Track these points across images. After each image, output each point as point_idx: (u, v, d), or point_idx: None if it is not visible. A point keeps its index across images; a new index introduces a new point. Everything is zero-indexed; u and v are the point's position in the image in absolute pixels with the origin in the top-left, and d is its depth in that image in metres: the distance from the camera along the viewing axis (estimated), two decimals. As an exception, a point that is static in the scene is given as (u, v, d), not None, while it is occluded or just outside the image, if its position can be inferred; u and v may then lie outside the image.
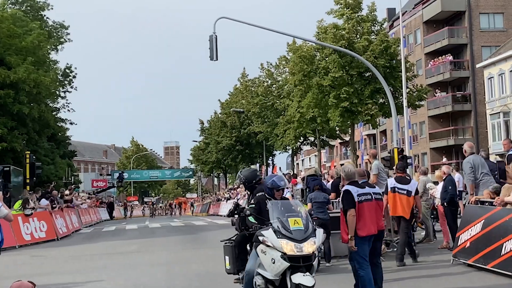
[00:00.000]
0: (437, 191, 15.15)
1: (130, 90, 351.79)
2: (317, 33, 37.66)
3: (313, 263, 7.27)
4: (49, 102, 43.78)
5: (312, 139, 51.60)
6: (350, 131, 40.60)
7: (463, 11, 51.04)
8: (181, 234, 24.80)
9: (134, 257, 16.33)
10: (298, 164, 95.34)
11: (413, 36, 55.89)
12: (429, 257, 12.73)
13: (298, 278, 7.00)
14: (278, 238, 7.16)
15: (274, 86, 54.33)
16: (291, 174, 27.91)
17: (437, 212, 15.58)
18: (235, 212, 9.18)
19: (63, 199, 29.01)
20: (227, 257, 9.31)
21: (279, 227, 7.26)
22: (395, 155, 25.20)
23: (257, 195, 8.84)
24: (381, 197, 9.05)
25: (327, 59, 36.88)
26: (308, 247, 7.13)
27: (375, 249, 8.78)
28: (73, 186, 37.81)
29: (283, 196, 8.57)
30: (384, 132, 62.92)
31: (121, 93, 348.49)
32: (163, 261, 14.81)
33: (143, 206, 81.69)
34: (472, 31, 50.55)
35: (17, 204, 22.13)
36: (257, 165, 63.15)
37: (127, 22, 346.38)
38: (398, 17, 40.17)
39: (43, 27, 40.50)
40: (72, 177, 55.76)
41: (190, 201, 73.19)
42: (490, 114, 45.81)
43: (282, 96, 48.72)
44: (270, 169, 58.94)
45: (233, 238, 9.37)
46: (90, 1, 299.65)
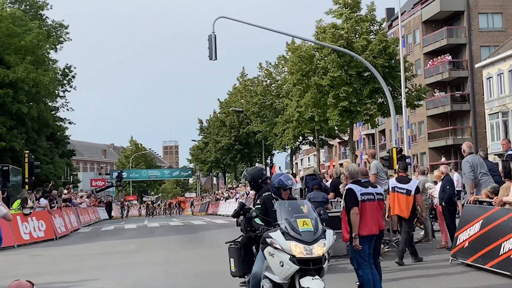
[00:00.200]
0: (436, 191, 15.16)
1: (129, 90, 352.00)
2: (316, 33, 37.68)
3: (323, 266, 7.00)
4: (48, 102, 43.76)
5: (311, 139, 51.59)
6: (349, 131, 40.60)
7: (462, 11, 51.08)
8: (180, 234, 24.79)
9: (133, 257, 16.34)
10: (297, 164, 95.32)
11: (412, 36, 55.90)
12: (428, 257, 12.74)
13: (307, 282, 6.75)
14: (287, 240, 6.91)
15: (273, 86, 54.29)
16: (290, 174, 27.92)
17: (436, 212, 15.59)
18: (241, 213, 8.89)
19: (61, 198, 29.00)
20: (232, 259, 8.95)
21: (287, 229, 7.03)
22: (394, 155, 25.24)
23: (263, 195, 8.54)
24: (383, 197, 9.06)
25: (326, 59, 36.88)
26: (318, 249, 6.90)
27: (375, 249, 8.81)
28: (72, 186, 37.73)
29: (291, 196, 8.25)
30: (383, 132, 62.94)
31: (120, 93, 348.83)
32: (162, 261, 14.82)
33: (140, 206, 79.65)
34: (471, 31, 50.58)
35: (16, 204, 22.13)
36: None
37: (126, 22, 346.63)
38: (397, 17, 40.20)
39: (42, 27, 40.49)
40: (71, 177, 55.67)
41: (190, 200, 72.99)
42: (489, 114, 45.84)
43: (281, 96, 48.69)
44: (269, 169, 59.11)
45: (238, 240, 9.02)
46: (90, 1, 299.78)
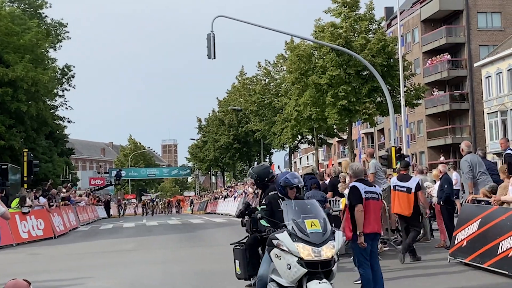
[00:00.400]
0: (434, 190, 15.17)
1: (129, 88, 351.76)
2: (315, 32, 37.68)
3: (333, 269, 6.69)
4: (47, 100, 43.72)
5: (310, 138, 51.58)
6: (348, 130, 40.59)
7: (461, 10, 51.11)
8: (179, 233, 24.78)
9: (131, 255, 16.34)
10: (296, 163, 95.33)
11: (411, 35, 55.91)
12: (426, 256, 12.74)
13: (314, 286, 6.48)
14: (294, 242, 6.62)
15: (272, 85, 54.26)
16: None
17: (434, 211, 15.60)
18: (246, 213, 8.58)
19: (60, 197, 29.00)
20: (237, 261, 8.61)
21: (295, 230, 6.73)
22: (393, 154, 25.28)
23: (269, 195, 8.19)
24: (381, 197, 9.07)
25: (325, 58, 36.86)
26: (327, 252, 6.60)
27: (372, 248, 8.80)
28: (70, 185, 37.70)
29: (298, 195, 7.92)
30: (382, 131, 62.95)
31: (120, 91, 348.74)
32: (160, 259, 14.81)
33: (136, 204, 76.96)
34: (470, 30, 50.61)
35: (15, 202, 22.14)
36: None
37: (125, 21, 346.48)
38: (396, 16, 40.18)
39: (42, 25, 40.43)
40: (70, 175, 55.66)
41: (190, 199, 72.84)
42: (488, 113, 45.86)
43: (280, 95, 48.68)
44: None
45: (244, 241, 8.68)
46: (90, 0, 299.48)
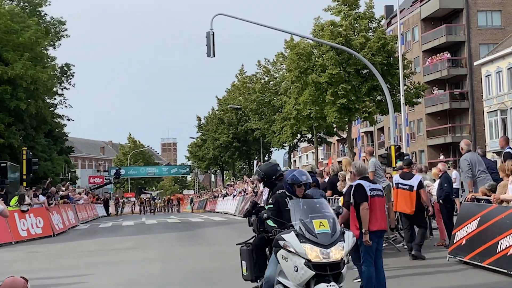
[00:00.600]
0: (434, 189, 15.15)
1: (128, 87, 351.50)
2: (314, 30, 37.65)
3: (342, 271, 6.43)
4: (47, 99, 43.70)
5: (310, 136, 51.56)
6: (347, 128, 40.57)
7: (461, 9, 51.08)
8: (178, 231, 24.78)
9: (130, 254, 16.32)
10: (295, 161, 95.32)
11: (411, 34, 55.88)
12: (425, 255, 12.71)
13: None
14: (301, 243, 6.38)
15: (272, 83, 54.28)
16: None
17: (434, 210, 15.57)
18: (253, 212, 8.26)
19: (59, 195, 28.98)
20: (244, 262, 8.23)
21: (302, 230, 6.49)
22: (393, 153, 25.30)
23: (276, 193, 7.84)
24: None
25: (324, 56, 36.86)
26: (336, 253, 6.36)
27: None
28: (68, 183, 37.67)
29: (306, 194, 7.61)
30: (382, 130, 62.93)
31: (119, 90, 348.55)
32: (159, 258, 14.79)
33: (133, 202, 74.03)
34: (470, 29, 50.59)
35: (13, 200, 22.11)
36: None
37: (124, 19, 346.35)
38: (396, 14, 40.16)
39: (41, 24, 40.41)
40: (69, 174, 55.71)
41: (190, 197, 72.61)
42: (488, 112, 45.85)
43: (280, 93, 48.68)
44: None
45: (250, 241, 8.33)
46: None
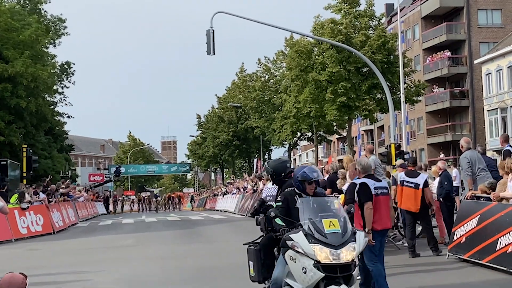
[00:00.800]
0: (434, 187, 15.15)
1: (128, 85, 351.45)
2: (314, 29, 37.63)
3: (353, 273, 6.20)
4: (47, 97, 43.70)
5: (309, 135, 51.56)
6: (347, 127, 40.56)
7: (462, 7, 51.06)
8: (177, 229, 24.76)
9: (130, 251, 16.33)
10: (295, 160, 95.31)
11: (411, 32, 55.87)
12: (425, 252, 12.71)
13: None
14: (310, 243, 6.14)
15: (272, 81, 54.29)
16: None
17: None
18: (260, 211, 7.95)
19: (59, 192, 28.99)
20: (251, 263, 7.91)
21: (311, 230, 6.24)
22: (393, 151, 25.29)
23: (285, 191, 7.55)
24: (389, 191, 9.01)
25: (325, 54, 36.86)
26: (347, 254, 6.12)
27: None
28: (69, 181, 37.67)
29: (317, 192, 7.33)
30: (382, 128, 62.92)
31: (119, 88, 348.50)
32: (159, 255, 14.79)
33: (132, 200, 72.03)
34: (470, 27, 50.58)
35: (13, 198, 22.13)
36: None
37: (124, 17, 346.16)
38: (396, 13, 40.16)
39: (41, 21, 40.40)
40: (70, 171, 55.69)
41: (191, 195, 72.48)
42: (488, 110, 45.85)
43: (280, 91, 48.67)
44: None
45: (258, 241, 8.05)
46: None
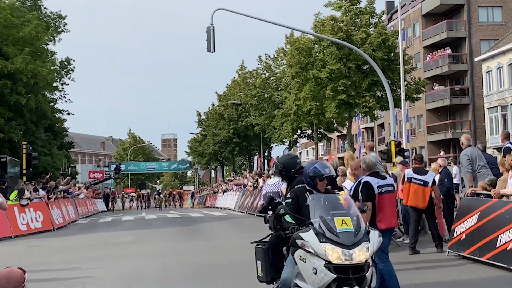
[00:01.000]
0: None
1: (128, 82, 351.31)
2: (315, 26, 37.58)
3: (366, 275, 5.91)
4: (47, 93, 43.66)
5: (310, 132, 51.54)
6: (348, 124, 40.54)
7: (462, 5, 51.03)
8: (177, 226, 24.75)
9: (130, 248, 16.32)
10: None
11: (412, 29, 55.84)
12: (425, 249, 12.71)
13: None
14: (321, 243, 5.90)
15: (272, 79, 54.22)
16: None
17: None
18: (269, 208, 7.70)
19: (59, 189, 28.97)
20: (259, 262, 7.61)
21: (322, 228, 6.00)
22: (393, 148, 25.26)
23: (295, 187, 7.27)
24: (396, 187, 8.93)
25: (325, 52, 36.81)
26: (360, 255, 5.88)
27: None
28: (69, 178, 37.66)
29: (328, 189, 7.08)
30: (382, 126, 62.92)
31: (119, 85, 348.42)
32: (159, 252, 14.79)
33: (131, 197, 69.85)
34: (471, 25, 50.54)
35: (13, 195, 22.12)
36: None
37: (125, 14, 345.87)
38: (397, 10, 40.10)
39: (41, 18, 40.36)
40: (69, 169, 55.64)
41: (191, 192, 72.42)
42: (488, 108, 45.85)
43: (280, 89, 48.63)
44: (267, 162, 59.01)
45: (266, 239, 7.77)
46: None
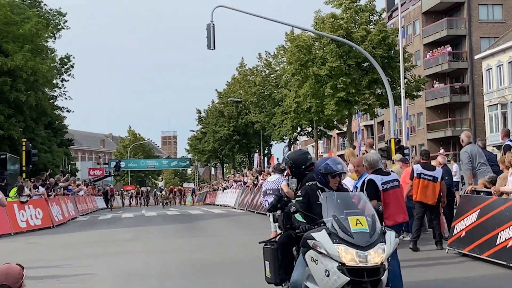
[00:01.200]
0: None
1: (128, 80, 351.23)
2: (315, 23, 37.55)
3: (382, 278, 5.65)
4: (47, 90, 43.66)
5: (310, 130, 51.53)
6: (348, 122, 40.52)
7: (462, 2, 50.96)
8: (177, 223, 24.75)
9: (129, 245, 16.29)
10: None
11: (412, 27, 55.78)
12: (425, 247, 12.69)
13: None
14: (334, 243, 5.66)
15: (272, 76, 54.19)
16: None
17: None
18: (278, 207, 7.40)
19: (59, 186, 28.96)
20: (267, 263, 7.27)
21: (336, 228, 5.76)
22: (392, 146, 25.26)
23: (306, 185, 6.96)
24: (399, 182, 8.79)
25: (325, 49, 36.78)
26: (375, 256, 5.62)
27: None
28: (68, 175, 37.66)
29: (341, 186, 6.81)
30: (382, 123, 62.90)
31: (119, 83, 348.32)
32: (158, 249, 14.78)
33: (131, 194, 66.50)
34: (471, 22, 50.48)
35: (13, 192, 22.11)
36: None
37: (125, 12, 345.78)
38: (397, 8, 40.07)
39: (41, 15, 40.35)
40: (69, 166, 55.70)
41: (192, 188, 72.40)
42: (488, 106, 45.82)
43: (280, 86, 48.61)
44: (267, 159, 58.98)
45: (275, 239, 7.54)
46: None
